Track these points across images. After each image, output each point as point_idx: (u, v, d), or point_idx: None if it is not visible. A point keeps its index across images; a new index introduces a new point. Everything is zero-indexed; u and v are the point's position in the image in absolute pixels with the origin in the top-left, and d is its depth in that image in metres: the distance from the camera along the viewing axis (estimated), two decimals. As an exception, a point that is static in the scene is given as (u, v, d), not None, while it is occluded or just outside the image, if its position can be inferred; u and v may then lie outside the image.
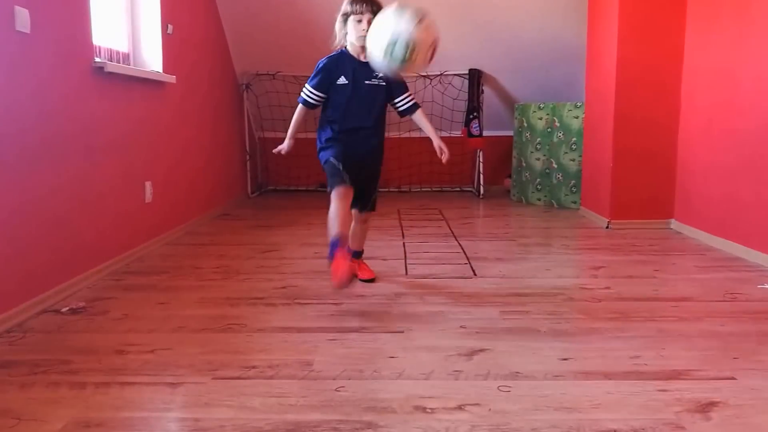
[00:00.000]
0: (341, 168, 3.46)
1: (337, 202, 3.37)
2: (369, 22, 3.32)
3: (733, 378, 2.48)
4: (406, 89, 3.72)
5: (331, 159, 3.52)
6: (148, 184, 4.67)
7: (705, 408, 2.22)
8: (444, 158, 3.69)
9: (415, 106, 3.74)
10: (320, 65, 3.57)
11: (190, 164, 5.65)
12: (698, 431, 2.07)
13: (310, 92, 3.59)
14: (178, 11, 5.32)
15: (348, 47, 3.57)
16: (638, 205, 5.60)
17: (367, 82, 3.55)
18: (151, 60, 4.93)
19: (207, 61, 6.27)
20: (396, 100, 3.70)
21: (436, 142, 3.68)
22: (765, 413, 2.20)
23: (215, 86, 6.53)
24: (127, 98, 4.40)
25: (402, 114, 3.76)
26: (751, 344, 2.84)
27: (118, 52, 4.63)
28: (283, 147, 3.74)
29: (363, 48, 3.38)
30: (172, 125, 5.19)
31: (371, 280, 3.85)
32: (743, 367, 2.59)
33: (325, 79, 3.55)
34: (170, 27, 5.06)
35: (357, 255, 3.92)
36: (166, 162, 5.06)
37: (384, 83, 3.58)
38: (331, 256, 3.23)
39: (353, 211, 3.70)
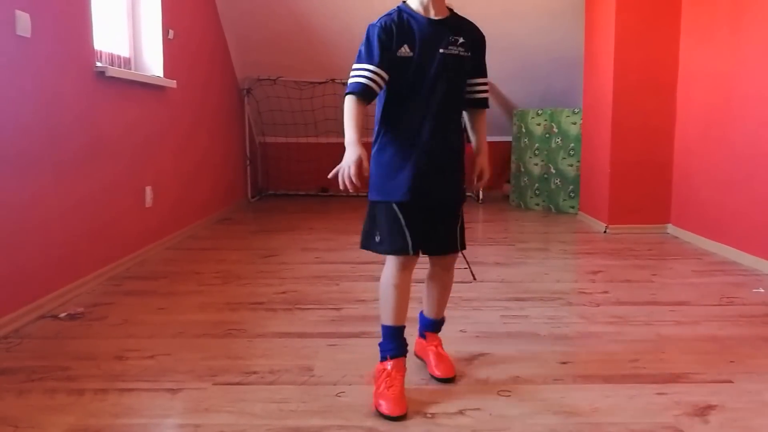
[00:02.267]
0: (404, 223, 2.33)
1: (395, 276, 2.39)
2: None
3: (730, 381, 2.49)
4: (486, 73, 2.54)
5: (394, 206, 2.33)
6: (148, 189, 4.67)
7: (703, 411, 2.23)
8: (479, 185, 2.59)
9: (485, 103, 2.54)
10: (374, 28, 2.29)
11: (191, 169, 5.65)
12: (696, 435, 2.08)
13: (369, 72, 2.24)
14: (180, 16, 5.33)
15: (412, 4, 2.36)
16: (635, 210, 5.61)
17: (442, 50, 2.33)
18: (152, 65, 4.93)
19: (208, 66, 6.27)
20: (472, 82, 2.49)
21: (480, 164, 2.53)
22: (762, 416, 2.21)
23: (216, 91, 6.53)
24: (128, 103, 4.40)
25: (469, 105, 2.52)
26: (747, 348, 2.85)
27: (119, 57, 4.64)
28: (356, 158, 2.13)
29: (442, 6, 2.37)
30: (172, 130, 5.19)
31: (450, 380, 2.51)
32: (740, 370, 2.60)
33: (386, 49, 2.26)
34: (171, 32, 5.07)
35: (434, 327, 2.71)
36: (167, 166, 5.06)
37: (468, 53, 2.39)
38: (381, 357, 2.37)
39: (429, 258, 2.61)
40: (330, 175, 2.16)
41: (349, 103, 2.25)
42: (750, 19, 4.34)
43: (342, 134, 2.25)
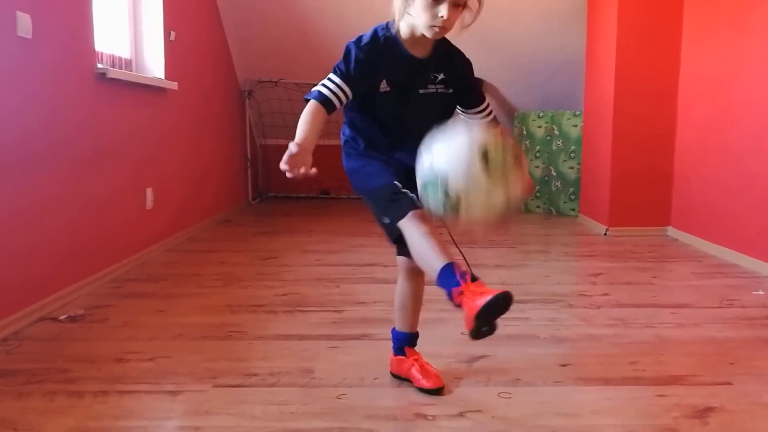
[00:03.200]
0: (401, 187, 2.21)
1: (419, 228, 2.14)
2: (454, 8, 2.10)
3: (729, 383, 2.49)
4: (484, 98, 2.46)
5: (384, 182, 2.26)
6: (149, 191, 4.68)
7: (702, 413, 2.23)
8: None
9: (494, 123, 2.45)
10: (353, 53, 2.18)
11: (192, 171, 5.66)
12: (696, 437, 2.09)
13: (335, 85, 2.16)
14: (181, 18, 5.35)
15: (402, 30, 2.22)
16: (636, 212, 5.62)
17: (422, 90, 2.29)
18: (154, 66, 4.94)
19: (209, 68, 6.29)
20: (470, 113, 2.43)
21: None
22: (761, 418, 2.21)
23: (217, 93, 6.54)
24: (129, 104, 4.41)
25: None
26: (747, 350, 2.86)
27: (120, 58, 4.65)
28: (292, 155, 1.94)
29: (429, 41, 2.23)
30: (173, 132, 5.20)
31: (437, 391, 2.43)
32: (739, 372, 2.60)
33: (360, 76, 2.18)
34: (173, 34, 5.09)
35: (413, 340, 2.64)
36: (168, 168, 5.07)
37: (450, 89, 2.32)
38: (451, 292, 2.08)
39: (404, 259, 2.49)
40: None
41: (307, 107, 2.15)
42: (751, 24, 4.35)
43: (336, 136, 2.29)
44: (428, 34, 2.14)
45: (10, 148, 3.09)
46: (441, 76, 2.29)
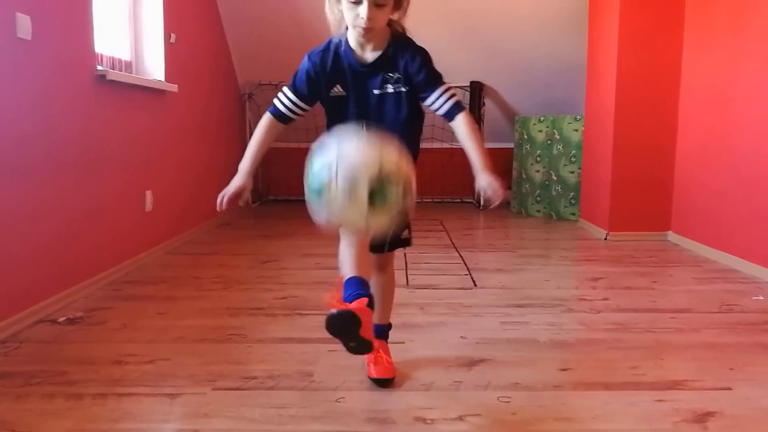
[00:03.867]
0: None
1: (349, 246, 2.22)
2: (374, 7, 2.14)
3: (729, 388, 2.49)
4: (439, 82, 2.38)
5: None
6: (148, 193, 4.69)
7: (702, 418, 2.23)
8: (489, 204, 2.42)
9: (455, 109, 2.38)
10: (303, 66, 2.37)
11: (192, 173, 5.66)
12: (695, 442, 2.09)
13: (290, 101, 2.40)
14: (182, 20, 5.35)
15: (350, 36, 2.32)
16: (636, 217, 5.62)
17: (376, 91, 2.33)
18: (154, 69, 4.95)
19: (209, 71, 6.29)
20: (429, 102, 2.37)
21: (479, 184, 2.40)
22: (760, 423, 2.21)
23: (217, 95, 6.55)
24: (129, 107, 4.42)
25: (445, 119, 2.41)
26: (746, 355, 2.86)
27: (120, 60, 4.66)
28: (235, 187, 2.41)
29: (366, 40, 2.28)
30: (173, 134, 5.21)
31: (388, 381, 2.51)
32: (739, 377, 2.60)
33: (309, 87, 2.36)
34: (173, 36, 5.09)
35: (379, 333, 2.62)
36: (168, 171, 5.07)
37: (406, 87, 2.32)
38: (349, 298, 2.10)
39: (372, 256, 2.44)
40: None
41: (262, 123, 2.43)
42: (750, 33, 4.36)
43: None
44: (355, 35, 2.25)
45: (9, 150, 3.09)
46: (396, 75, 2.33)
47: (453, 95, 2.40)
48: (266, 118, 2.43)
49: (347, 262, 2.19)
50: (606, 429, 2.17)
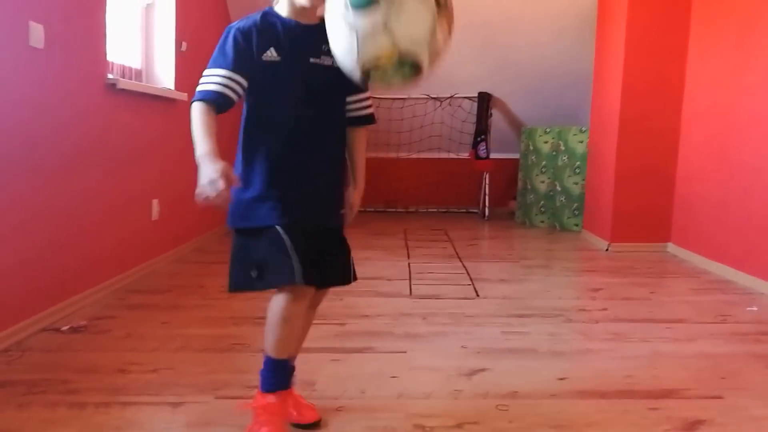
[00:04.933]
0: (294, 245, 2.02)
1: (287, 305, 2.05)
2: None
3: (720, 397, 2.57)
4: (367, 88, 2.21)
5: (277, 228, 2.03)
6: (155, 202, 4.74)
7: (692, 426, 2.31)
8: (347, 218, 2.33)
9: (370, 119, 2.27)
10: (231, 30, 2.07)
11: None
12: (684, 448, 2.17)
13: (222, 77, 2.01)
14: (193, 29, 5.41)
15: (282, 9, 2.10)
16: (637, 228, 5.69)
17: (312, 59, 2.08)
18: (164, 77, 5.01)
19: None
20: (352, 99, 2.20)
21: (350, 198, 2.30)
22: (748, 431, 2.29)
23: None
24: (139, 115, 4.47)
25: (351, 123, 2.23)
26: (738, 365, 2.93)
27: (131, 69, 4.73)
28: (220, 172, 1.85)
29: (314, 14, 2.08)
30: (182, 142, 5.20)
31: (315, 425, 2.31)
32: (730, 386, 2.68)
33: (244, 52, 2.02)
34: (184, 44, 5.16)
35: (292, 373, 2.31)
36: (175, 179, 5.10)
37: (338, 66, 1.94)
38: (262, 388, 2.17)
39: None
40: (198, 201, 1.86)
41: (198, 112, 1.97)
42: (756, 44, 4.44)
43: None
44: (306, 2, 2.02)
45: (19, 157, 3.12)
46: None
47: (370, 107, 2.28)
48: (198, 108, 1.98)
49: (287, 336, 2.11)
50: (599, 436, 2.25)
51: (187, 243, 5.41)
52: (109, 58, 4.15)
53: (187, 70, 5.23)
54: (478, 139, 7.67)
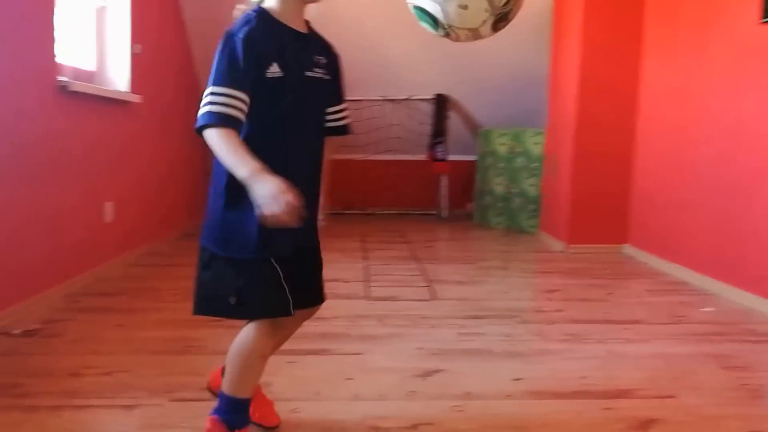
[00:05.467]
0: (284, 276, 1.97)
1: (267, 339, 2.06)
2: None
3: (673, 397, 2.62)
4: (344, 99, 2.17)
5: (271, 261, 1.96)
6: (108, 205, 4.69)
7: (645, 425, 2.35)
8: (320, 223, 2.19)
9: (347, 129, 2.19)
10: (237, 41, 1.83)
11: (154, 184, 5.68)
12: (637, 447, 2.21)
13: (236, 99, 1.80)
14: (147, 31, 5.37)
15: (272, 8, 1.93)
16: (594, 229, 5.76)
17: (308, 73, 1.97)
18: (118, 79, 4.96)
19: (174, 82, 6.31)
20: (333, 110, 2.13)
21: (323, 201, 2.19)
22: (700, 429, 2.34)
23: (181, 106, 6.55)
24: (92, 117, 4.42)
25: (330, 133, 2.14)
26: (692, 365, 2.99)
27: (84, 71, 4.69)
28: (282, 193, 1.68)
29: (301, 18, 1.99)
30: (136, 145, 5.22)
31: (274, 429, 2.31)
32: (683, 386, 2.73)
33: (252, 69, 1.84)
34: (138, 46, 5.11)
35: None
36: (129, 182, 5.08)
37: (329, 77, 2.04)
38: (224, 422, 2.08)
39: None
40: (267, 223, 1.71)
41: (225, 136, 1.79)
42: (710, 44, 4.52)
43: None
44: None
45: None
46: (323, 60, 2.01)
47: (346, 117, 2.19)
48: (223, 133, 1.80)
49: (260, 372, 2.11)
50: (553, 436, 2.28)
51: (141, 246, 5.35)
52: (62, 60, 4.10)
53: (142, 72, 5.20)
54: (436, 140, 7.71)
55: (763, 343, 3.33)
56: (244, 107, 1.82)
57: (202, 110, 1.82)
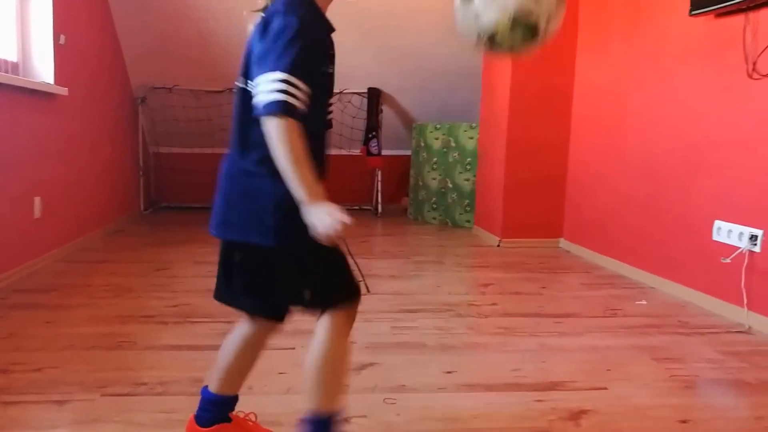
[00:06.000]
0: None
1: (347, 329, 1.96)
2: None
3: (605, 388, 2.67)
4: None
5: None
6: (37, 200, 4.61)
7: (576, 416, 2.40)
8: None
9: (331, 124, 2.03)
10: (301, 27, 1.67)
11: (83, 179, 5.59)
12: (569, 438, 2.25)
13: (302, 92, 1.65)
14: (72, 21, 5.28)
15: None
16: (529, 224, 5.84)
17: (331, 70, 1.86)
18: (43, 71, 4.87)
19: (101, 74, 6.22)
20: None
21: None
22: (630, 419, 2.39)
23: (110, 99, 6.48)
24: (15, 110, 4.34)
25: None
26: (624, 357, 3.05)
27: (6, 62, 4.59)
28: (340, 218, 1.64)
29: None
30: (63, 139, 5.14)
31: None
32: (615, 377, 2.79)
33: (315, 61, 1.75)
34: (63, 37, 5.01)
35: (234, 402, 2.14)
36: (58, 176, 5.00)
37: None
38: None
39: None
40: (329, 240, 1.69)
41: (295, 133, 1.64)
42: (641, 37, 4.62)
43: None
44: None
45: None
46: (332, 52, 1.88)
47: None
48: (292, 125, 1.63)
49: (345, 374, 1.99)
50: (485, 428, 2.31)
51: (71, 242, 5.27)
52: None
53: (68, 63, 5.11)
54: (369, 135, 7.71)
55: (695, 335, 3.42)
56: (308, 100, 1.69)
57: (273, 96, 1.63)
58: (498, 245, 5.84)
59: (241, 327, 2.05)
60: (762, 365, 3.00)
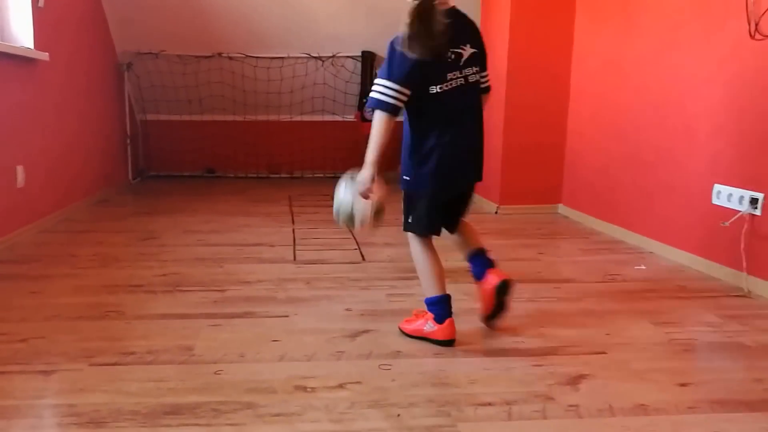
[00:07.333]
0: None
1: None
2: None
3: (604, 353, 2.71)
4: None
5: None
6: (20, 168, 4.60)
7: (575, 380, 2.44)
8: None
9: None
10: None
11: (67, 147, 5.57)
12: (567, 401, 2.28)
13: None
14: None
15: None
16: (527, 190, 5.86)
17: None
18: (21, 35, 4.81)
19: (84, 39, 6.18)
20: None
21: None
22: (627, 382, 2.44)
23: (94, 65, 6.44)
24: (-5, 76, 4.33)
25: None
26: (623, 322, 3.09)
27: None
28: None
29: None
30: (46, 106, 5.12)
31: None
32: (614, 342, 2.83)
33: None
34: (41, 0, 5.00)
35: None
36: (41, 145, 4.99)
37: None
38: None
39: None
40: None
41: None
42: (640, 7, 4.61)
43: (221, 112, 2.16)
44: None
45: None
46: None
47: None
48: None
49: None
50: (481, 392, 2.34)
51: (56, 212, 5.26)
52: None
53: (47, 27, 5.06)
54: (364, 100, 7.70)
55: (694, 299, 3.46)
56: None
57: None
58: (496, 212, 5.86)
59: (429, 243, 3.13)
60: (761, 328, 3.04)
